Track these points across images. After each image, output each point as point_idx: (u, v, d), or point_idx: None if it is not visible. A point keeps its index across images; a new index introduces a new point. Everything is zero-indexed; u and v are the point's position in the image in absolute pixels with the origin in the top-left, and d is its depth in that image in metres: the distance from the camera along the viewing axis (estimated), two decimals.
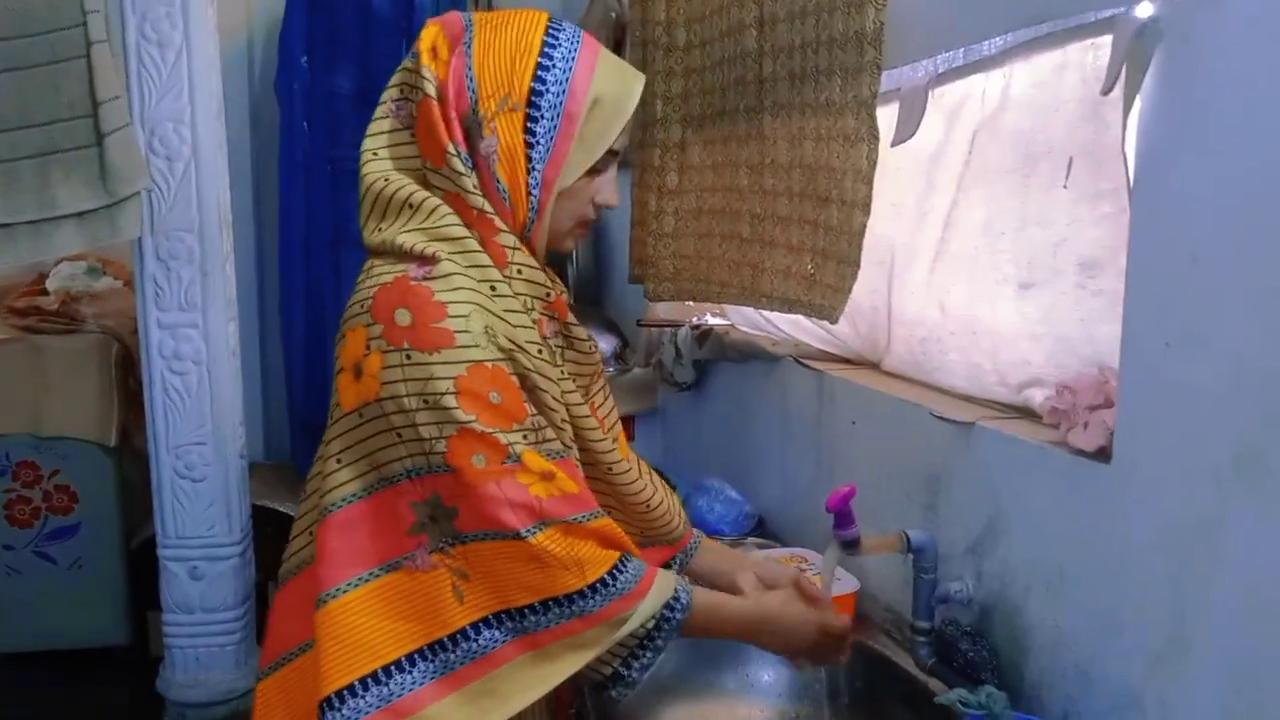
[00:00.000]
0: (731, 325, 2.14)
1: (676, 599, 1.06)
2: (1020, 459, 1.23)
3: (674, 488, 1.40)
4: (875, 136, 1.40)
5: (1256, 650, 0.92)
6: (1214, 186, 0.94)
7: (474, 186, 1.04)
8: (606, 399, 1.24)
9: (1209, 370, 0.95)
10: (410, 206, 1.05)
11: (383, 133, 1.09)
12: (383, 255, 1.06)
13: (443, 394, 0.97)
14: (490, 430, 0.98)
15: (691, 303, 2.15)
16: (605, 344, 2.39)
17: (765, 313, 1.95)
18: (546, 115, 1.04)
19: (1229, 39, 0.92)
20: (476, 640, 0.99)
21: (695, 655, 1.40)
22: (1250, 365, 0.91)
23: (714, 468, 2.10)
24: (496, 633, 0.99)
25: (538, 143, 1.04)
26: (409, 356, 0.98)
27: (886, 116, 1.44)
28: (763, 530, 1.91)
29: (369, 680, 0.98)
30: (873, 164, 1.40)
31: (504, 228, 1.05)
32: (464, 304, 1.00)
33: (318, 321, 2.95)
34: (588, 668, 1.03)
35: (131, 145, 1.99)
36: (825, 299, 1.52)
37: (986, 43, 1.29)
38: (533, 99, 1.03)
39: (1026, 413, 1.32)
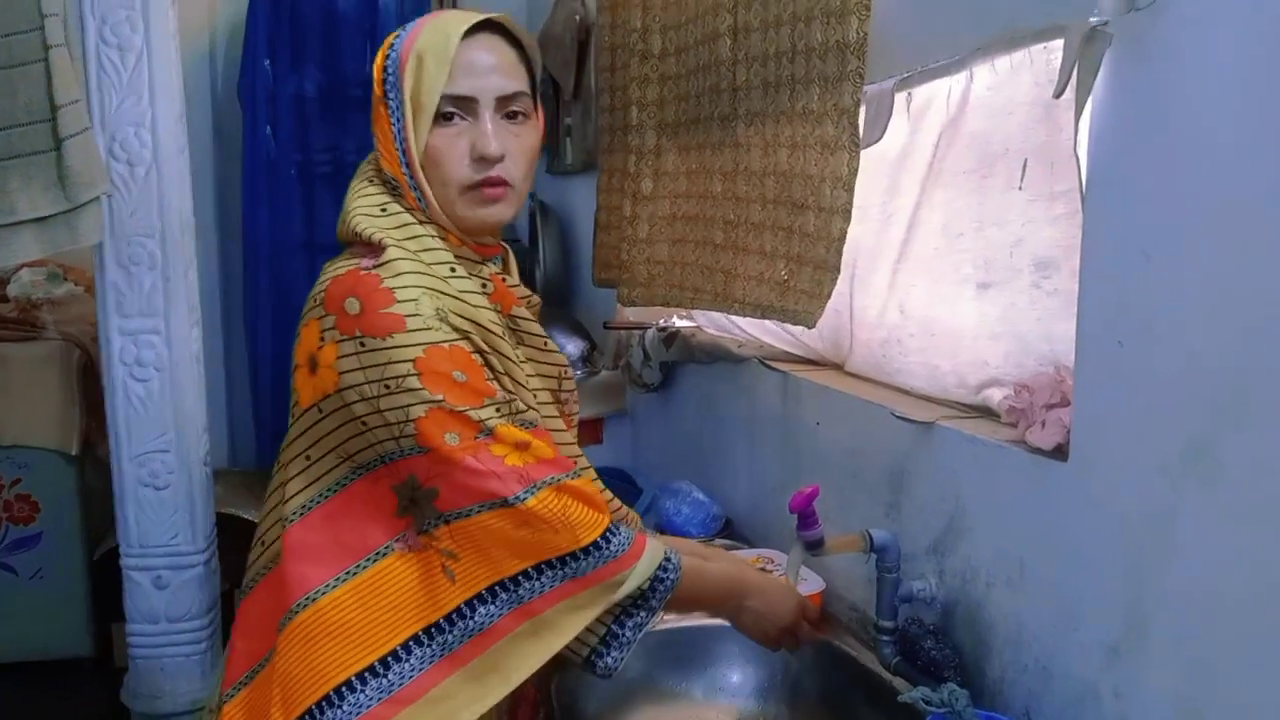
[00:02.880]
0: (698, 327, 2.15)
1: (669, 560, 1.07)
2: (980, 458, 1.24)
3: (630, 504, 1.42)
4: (856, 144, 1.40)
5: (1209, 640, 0.93)
6: (1165, 186, 0.96)
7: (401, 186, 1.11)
8: (576, 403, 1.26)
9: (1161, 367, 0.97)
10: (382, 211, 1.10)
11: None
12: (346, 248, 1.10)
13: (405, 376, 0.98)
14: (461, 408, 0.99)
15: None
16: (573, 347, 2.39)
17: (731, 315, 1.95)
18: (392, 98, 1.08)
19: (1179, 42, 0.94)
20: (472, 618, 0.99)
21: (661, 657, 1.40)
22: (1200, 361, 0.92)
23: (681, 469, 2.11)
24: (492, 607, 0.99)
25: (397, 126, 1.08)
26: (363, 344, 0.99)
27: None
28: (730, 532, 1.92)
29: (366, 674, 0.98)
30: (854, 171, 1.40)
31: (423, 220, 1.10)
32: (411, 288, 1.01)
33: (287, 325, 2.94)
34: (576, 640, 1.03)
35: (91, 150, 1.96)
36: (800, 305, 1.52)
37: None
38: (385, 89, 1.08)
39: (986, 412, 1.33)
